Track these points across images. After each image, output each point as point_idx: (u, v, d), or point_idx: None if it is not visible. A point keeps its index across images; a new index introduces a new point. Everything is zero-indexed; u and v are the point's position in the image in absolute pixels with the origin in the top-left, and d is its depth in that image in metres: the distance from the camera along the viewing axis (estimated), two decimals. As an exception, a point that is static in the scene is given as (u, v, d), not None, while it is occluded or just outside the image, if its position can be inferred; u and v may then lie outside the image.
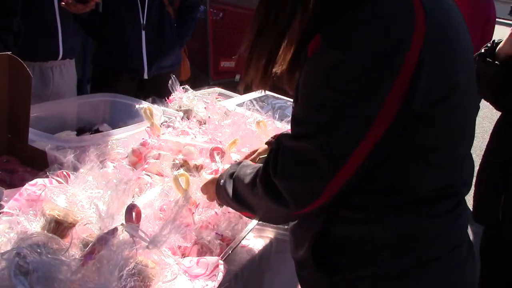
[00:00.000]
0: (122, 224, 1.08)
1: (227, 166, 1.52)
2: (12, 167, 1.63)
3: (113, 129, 1.95)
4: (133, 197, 1.44)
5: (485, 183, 2.06)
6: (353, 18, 0.95)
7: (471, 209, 2.13)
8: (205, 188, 1.41)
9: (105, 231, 1.02)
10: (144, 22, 2.52)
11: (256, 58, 1.16)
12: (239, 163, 1.28)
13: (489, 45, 1.87)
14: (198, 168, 1.66)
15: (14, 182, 1.53)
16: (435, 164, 1.04)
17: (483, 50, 1.88)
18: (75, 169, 1.43)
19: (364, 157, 0.97)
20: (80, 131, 1.95)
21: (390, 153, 0.99)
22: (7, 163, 1.65)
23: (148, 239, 1.08)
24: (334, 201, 1.02)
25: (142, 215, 1.24)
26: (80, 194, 1.28)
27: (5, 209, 1.27)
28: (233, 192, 1.22)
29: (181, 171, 1.44)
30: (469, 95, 1.07)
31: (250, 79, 1.20)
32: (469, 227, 1.19)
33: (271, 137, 1.52)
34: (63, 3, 2.20)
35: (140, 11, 2.50)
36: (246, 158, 1.55)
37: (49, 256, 1.03)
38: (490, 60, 1.84)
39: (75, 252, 1.08)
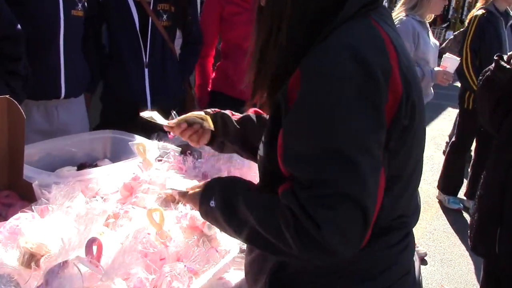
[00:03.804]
0: (77, 257, 1.15)
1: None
2: (10, 201, 1.75)
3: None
4: (112, 230, 1.53)
5: (481, 215, 2.03)
6: (331, 47, 0.98)
7: (469, 242, 2.10)
8: (183, 199, 1.36)
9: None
10: (147, 60, 2.64)
11: (264, 74, 1.13)
12: (231, 184, 1.17)
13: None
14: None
15: (9, 215, 1.64)
16: (397, 194, 1.07)
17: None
18: (62, 203, 1.53)
19: (385, 179, 0.99)
20: (81, 167, 2.05)
21: None
22: (7, 198, 1.77)
23: (102, 271, 1.15)
24: None
25: (118, 248, 1.31)
26: (54, 228, 1.37)
27: (-12, 242, 1.38)
28: (233, 222, 1.10)
29: (156, 205, 1.51)
30: (422, 127, 1.11)
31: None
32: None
33: (212, 110, 1.53)
34: None
35: (142, 50, 2.61)
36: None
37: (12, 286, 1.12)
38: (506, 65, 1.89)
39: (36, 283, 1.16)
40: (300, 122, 0.98)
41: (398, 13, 3.51)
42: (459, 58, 3.67)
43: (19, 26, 1.94)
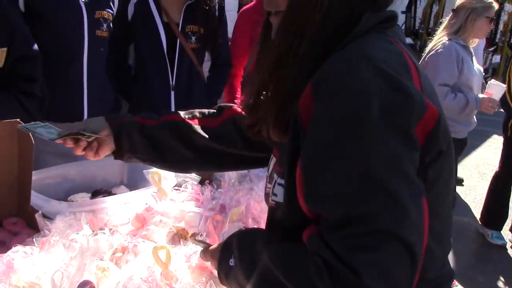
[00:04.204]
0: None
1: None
2: (17, 229, 1.67)
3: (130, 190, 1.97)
4: (117, 266, 1.42)
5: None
6: (347, 58, 0.85)
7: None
8: (204, 257, 1.23)
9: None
10: (174, 83, 2.57)
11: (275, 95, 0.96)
12: (251, 238, 1.01)
13: None
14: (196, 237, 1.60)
15: (13, 244, 1.56)
16: (438, 235, 0.93)
17: None
18: (66, 236, 1.44)
19: (427, 209, 0.82)
20: (95, 193, 1.97)
21: None
22: (14, 225, 1.69)
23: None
24: None
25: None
26: (52, 264, 1.28)
27: (-17, 276, 1.29)
28: (256, 281, 0.93)
29: (164, 242, 1.40)
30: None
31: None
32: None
33: (117, 120, 1.39)
34: None
35: (169, 72, 2.55)
36: None
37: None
38: None
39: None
40: (320, 148, 0.83)
41: (440, 37, 3.34)
42: (505, 85, 3.46)
43: (35, 46, 1.89)
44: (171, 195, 1.82)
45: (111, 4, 2.37)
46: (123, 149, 1.38)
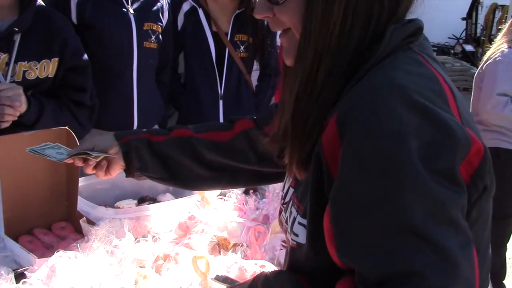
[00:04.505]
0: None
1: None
2: (64, 234, 1.72)
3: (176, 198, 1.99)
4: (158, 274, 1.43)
5: None
6: (375, 91, 0.75)
7: None
8: None
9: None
10: (222, 92, 2.59)
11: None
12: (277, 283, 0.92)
13: None
14: (236, 248, 1.59)
15: (59, 248, 1.60)
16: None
17: None
18: (108, 242, 1.46)
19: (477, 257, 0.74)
20: (141, 201, 1.99)
21: None
22: (62, 229, 1.74)
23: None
24: None
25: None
26: (92, 270, 1.29)
27: (28, 280, 1.33)
28: None
29: (205, 250, 1.40)
30: None
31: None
32: None
33: (124, 137, 1.33)
34: None
35: (218, 81, 2.57)
36: None
37: None
38: None
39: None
40: (352, 198, 0.73)
41: (499, 45, 3.20)
42: None
43: (86, 57, 1.95)
44: (214, 204, 1.82)
45: (160, 16, 2.42)
46: (132, 167, 1.32)
